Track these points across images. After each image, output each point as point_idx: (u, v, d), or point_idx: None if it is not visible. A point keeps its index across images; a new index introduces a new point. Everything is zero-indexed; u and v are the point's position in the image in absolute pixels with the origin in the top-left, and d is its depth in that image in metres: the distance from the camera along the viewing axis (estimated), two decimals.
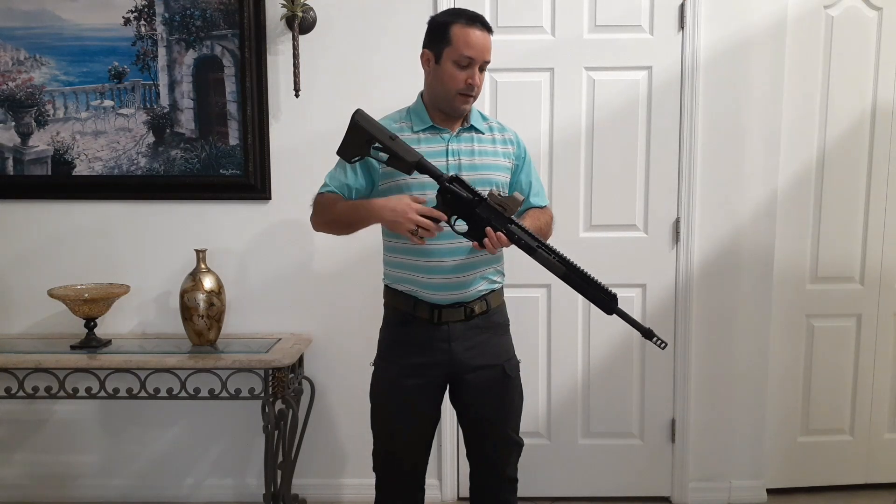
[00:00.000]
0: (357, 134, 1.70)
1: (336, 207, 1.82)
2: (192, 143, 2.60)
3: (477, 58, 1.76)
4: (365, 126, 1.69)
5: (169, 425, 2.73)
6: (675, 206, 2.63)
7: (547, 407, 2.73)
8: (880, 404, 2.79)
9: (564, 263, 1.68)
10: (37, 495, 2.73)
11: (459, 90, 1.77)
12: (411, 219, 1.67)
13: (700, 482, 2.72)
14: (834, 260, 2.71)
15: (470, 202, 1.67)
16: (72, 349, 2.42)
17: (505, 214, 1.66)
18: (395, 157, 1.68)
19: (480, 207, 1.67)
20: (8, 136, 2.60)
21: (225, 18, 2.54)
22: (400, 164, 1.69)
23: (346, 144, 1.73)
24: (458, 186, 1.68)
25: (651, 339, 1.70)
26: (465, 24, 1.76)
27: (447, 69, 1.77)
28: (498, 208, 1.66)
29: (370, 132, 1.69)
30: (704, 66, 2.55)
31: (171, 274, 2.58)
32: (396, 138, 1.70)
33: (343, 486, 2.74)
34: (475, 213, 1.67)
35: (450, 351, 1.83)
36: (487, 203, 1.67)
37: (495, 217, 1.66)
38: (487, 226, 1.66)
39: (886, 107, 2.65)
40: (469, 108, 1.82)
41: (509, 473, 1.94)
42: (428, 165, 1.69)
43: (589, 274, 1.68)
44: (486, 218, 1.67)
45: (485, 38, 1.77)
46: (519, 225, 1.68)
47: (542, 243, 1.68)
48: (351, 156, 1.74)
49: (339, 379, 2.67)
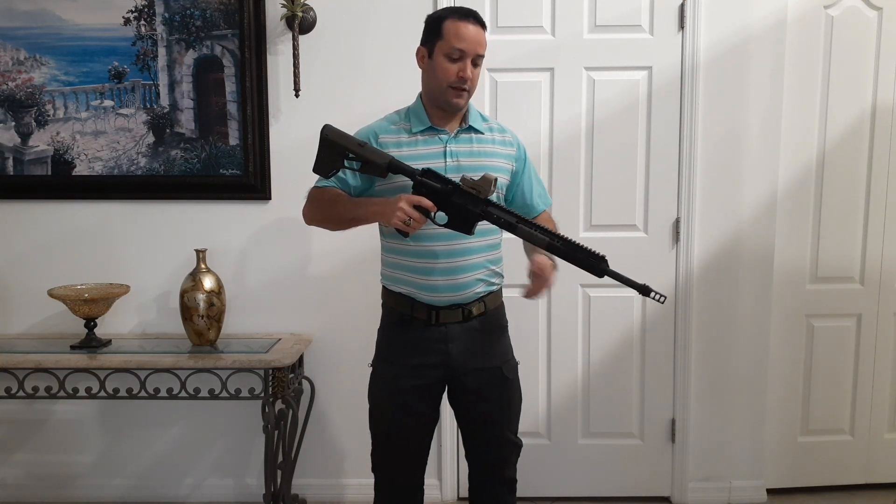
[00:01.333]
0: (328, 148, 1.72)
1: (337, 202, 1.81)
2: (192, 143, 2.60)
3: (468, 50, 1.75)
4: (335, 139, 1.71)
5: (169, 425, 2.73)
6: (675, 206, 2.63)
7: (547, 407, 2.73)
8: (880, 404, 2.79)
9: (546, 234, 1.66)
10: (37, 495, 2.73)
11: (451, 83, 1.76)
12: (401, 207, 1.65)
13: (700, 482, 2.72)
14: (834, 260, 2.71)
15: (444, 192, 1.68)
16: (72, 349, 2.42)
17: (480, 197, 1.66)
18: (367, 162, 1.70)
19: (455, 195, 1.67)
20: (8, 136, 2.60)
21: (225, 18, 2.54)
22: (373, 169, 1.70)
23: (321, 160, 1.74)
24: (431, 178, 1.69)
25: (649, 294, 1.66)
26: (458, 18, 1.77)
27: (439, 63, 1.77)
28: (472, 192, 1.66)
29: (340, 143, 1.71)
30: (704, 66, 2.55)
31: (171, 274, 2.59)
32: (365, 144, 1.72)
33: (343, 486, 2.74)
34: (451, 202, 1.68)
35: (447, 352, 1.82)
36: (461, 189, 1.67)
37: (471, 201, 1.67)
38: (465, 212, 1.67)
39: (886, 107, 2.65)
40: (463, 102, 1.80)
41: (508, 474, 1.94)
42: (400, 164, 1.70)
43: (573, 240, 1.66)
44: (462, 204, 1.67)
45: (477, 31, 1.77)
46: (495, 204, 1.68)
47: (520, 218, 1.67)
48: (327, 171, 1.75)
49: (339, 379, 2.67)
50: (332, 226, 1.90)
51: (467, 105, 1.84)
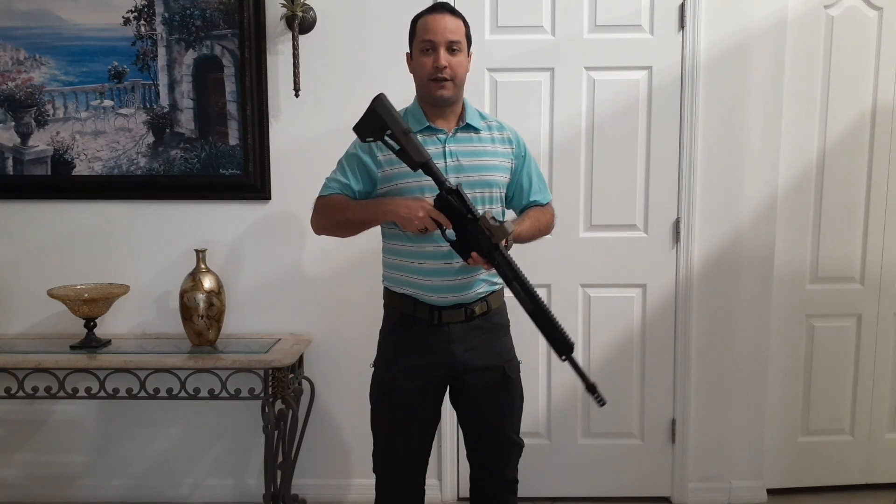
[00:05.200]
0: (375, 120, 1.71)
1: (347, 207, 1.82)
2: (191, 143, 2.59)
3: (437, 39, 1.76)
4: (381, 114, 1.70)
5: (169, 425, 2.73)
6: (675, 206, 2.63)
7: (547, 407, 2.73)
8: (880, 404, 2.79)
9: (534, 302, 1.70)
10: (37, 495, 2.73)
11: (429, 75, 1.77)
12: (424, 217, 1.69)
13: (700, 482, 2.72)
14: (834, 260, 2.71)
15: (463, 217, 1.69)
16: (72, 349, 2.42)
17: (492, 241, 1.68)
18: (404, 152, 1.69)
19: (471, 225, 1.69)
20: (8, 136, 2.60)
21: (225, 18, 2.54)
22: (407, 160, 1.70)
23: (363, 124, 1.73)
24: (456, 199, 1.69)
25: (592, 393, 1.70)
26: (427, 13, 1.82)
27: (417, 60, 1.81)
28: (486, 232, 1.68)
29: (385, 121, 1.69)
30: (704, 66, 2.55)
31: (171, 274, 2.58)
32: (410, 133, 1.70)
33: (343, 486, 2.74)
34: (465, 229, 1.70)
35: (450, 352, 1.83)
36: (478, 223, 1.68)
37: (483, 238, 1.69)
38: (475, 243, 1.69)
39: (886, 107, 2.65)
40: (447, 93, 1.78)
41: (509, 474, 1.94)
42: (434, 169, 1.69)
43: (554, 318, 1.71)
44: (474, 235, 1.69)
45: (443, 19, 1.78)
46: (502, 252, 1.70)
47: (518, 277, 1.69)
48: (365, 136, 1.74)
49: (339, 379, 2.67)
50: (343, 231, 1.90)
51: (459, 98, 1.84)
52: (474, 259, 1.70)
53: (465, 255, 1.72)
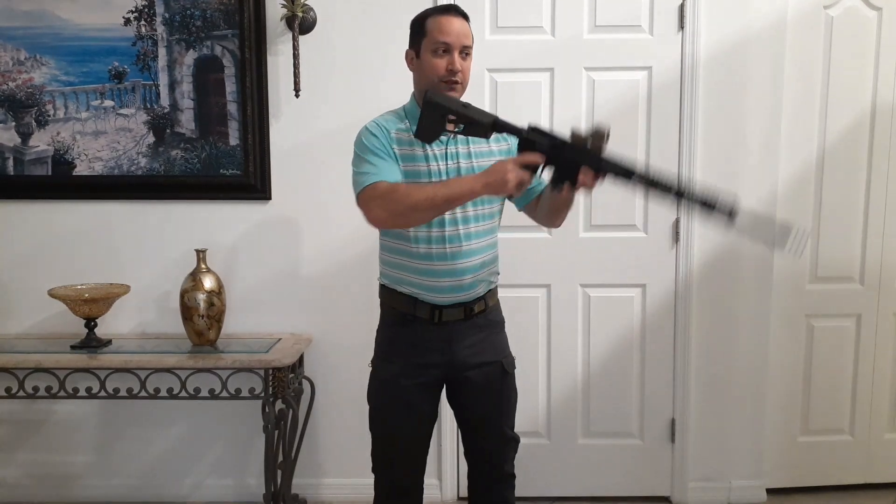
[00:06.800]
0: (434, 111, 1.67)
1: (420, 188, 1.70)
2: (192, 143, 2.60)
3: (453, 42, 1.75)
4: (440, 101, 1.68)
5: (169, 425, 2.73)
6: (674, 206, 2.63)
7: (546, 407, 2.73)
8: (880, 404, 2.79)
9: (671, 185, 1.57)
10: (37, 495, 2.73)
11: (441, 77, 1.75)
12: (514, 171, 1.60)
13: (700, 482, 2.72)
14: (834, 260, 2.71)
15: (553, 147, 1.62)
16: (72, 349, 2.42)
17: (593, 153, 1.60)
18: (472, 123, 1.66)
19: (565, 150, 1.61)
20: (8, 136, 2.60)
21: (225, 18, 2.54)
22: (477, 130, 1.67)
23: (425, 126, 1.69)
24: (537, 135, 1.64)
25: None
26: (439, 13, 1.79)
27: (427, 60, 1.77)
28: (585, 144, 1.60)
29: (445, 105, 1.67)
30: (704, 66, 2.55)
31: (171, 274, 2.58)
32: (469, 105, 1.68)
33: (343, 485, 2.74)
34: (560, 158, 1.62)
35: (450, 351, 1.83)
36: (572, 144, 1.61)
37: (582, 154, 1.60)
38: (575, 167, 1.60)
39: (886, 106, 2.65)
40: (457, 96, 1.77)
41: (507, 469, 1.95)
42: (505, 123, 1.67)
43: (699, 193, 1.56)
44: (571, 158, 1.61)
45: (460, 23, 1.77)
46: (609, 159, 1.60)
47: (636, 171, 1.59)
48: (431, 136, 1.71)
49: (339, 379, 2.67)
50: (419, 215, 1.70)
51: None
52: (583, 180, 1.58)
53: (572, 182, 1.61)
